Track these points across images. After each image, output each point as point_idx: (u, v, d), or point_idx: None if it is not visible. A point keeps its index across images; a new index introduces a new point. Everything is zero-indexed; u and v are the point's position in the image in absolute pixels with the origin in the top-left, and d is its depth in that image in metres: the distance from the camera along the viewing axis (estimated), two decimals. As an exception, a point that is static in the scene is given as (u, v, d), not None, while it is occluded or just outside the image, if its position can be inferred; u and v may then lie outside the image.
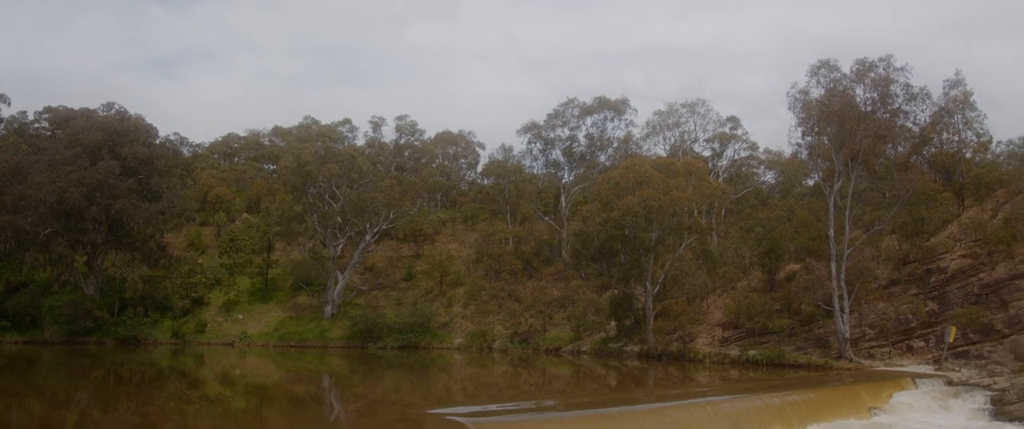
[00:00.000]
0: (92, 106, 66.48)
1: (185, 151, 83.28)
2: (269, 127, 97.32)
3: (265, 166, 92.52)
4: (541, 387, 34.84)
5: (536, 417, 19.43)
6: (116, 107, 65.41)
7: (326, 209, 60.81)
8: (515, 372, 41.74)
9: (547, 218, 66.31)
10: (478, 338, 55.46)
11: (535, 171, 72.00)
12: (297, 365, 46.09)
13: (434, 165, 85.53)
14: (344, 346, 56.68)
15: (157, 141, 66.40)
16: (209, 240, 73.48)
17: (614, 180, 47.29)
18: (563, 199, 66.49)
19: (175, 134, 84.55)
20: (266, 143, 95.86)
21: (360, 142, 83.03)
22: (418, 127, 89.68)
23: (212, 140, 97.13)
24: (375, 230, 62.37)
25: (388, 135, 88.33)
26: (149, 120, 65.83)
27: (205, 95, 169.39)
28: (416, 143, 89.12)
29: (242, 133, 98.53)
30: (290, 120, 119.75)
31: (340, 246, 62.18)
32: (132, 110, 71.04)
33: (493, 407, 20.83)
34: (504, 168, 70.84)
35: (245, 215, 72.92)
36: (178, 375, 40.60)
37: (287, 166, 63.87)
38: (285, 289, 65.73)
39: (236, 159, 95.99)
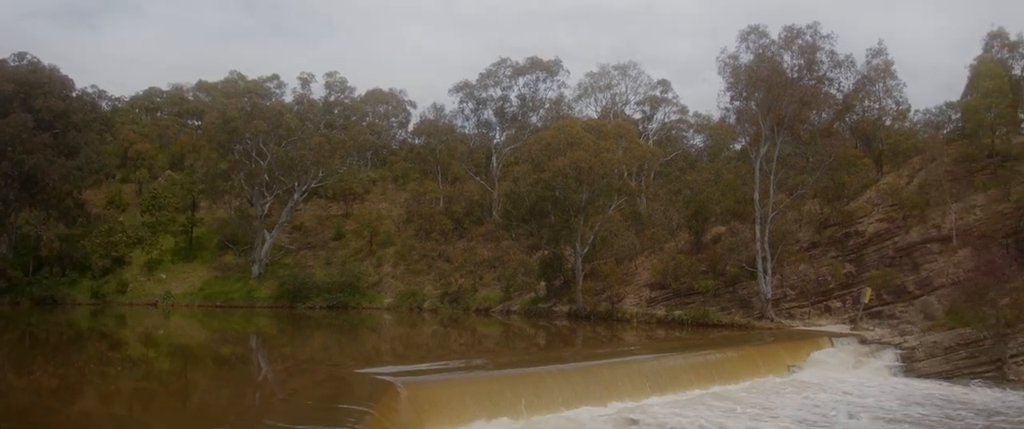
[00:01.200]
0: (1, 56, 63.38)
1: (104, 105, 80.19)
2: (193, 82, 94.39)
3: (189, 122, 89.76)
4: (471, 347, 35.03)
5: (465, 376, 19.52)
6: (28, 57, 62.31)
7: (253, 166, 59.53)
8: (445, 332, 41.87)
9: (478, 178, 66.20)
10: (408, 298, 55.37)
11: (467, 131, 71.67)
12: (223, 325, 45.36)
13: (364, 123, 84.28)
14: (272, 306, 55.96)
15: (74, 94, 63.65)
16: (130, 198, 71.25)
17: (545, 141, 47.39)
18: (494, 159, 66.42)
19: (93, 87, 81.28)
20: (190, 98, 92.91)
21: (288, 99, 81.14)
22: (348, 84, 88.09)
23: (133, 94, 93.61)
24: (304, 188, 61.40)
25: (317, 92, 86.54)
26: (65, 72, 62.92)
27: (125, 47, 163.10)
28: (346, 101, 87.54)
29: (165, 87, 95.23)
30: (215, 75, 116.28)
31: (267, 204, 61.09)
32: (46, 61, 67.81)
33: (422, 366, 20.85)
34: (435, 127, 70.34)
35: (168, 172, 70.83)
36: (98, 336, 39.56)
37: (212, 122, 62.20)
38: (210, 248, 64.35)
39: (159, 114, 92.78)
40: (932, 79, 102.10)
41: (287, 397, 18.34)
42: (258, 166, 59.47)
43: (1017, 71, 40.16)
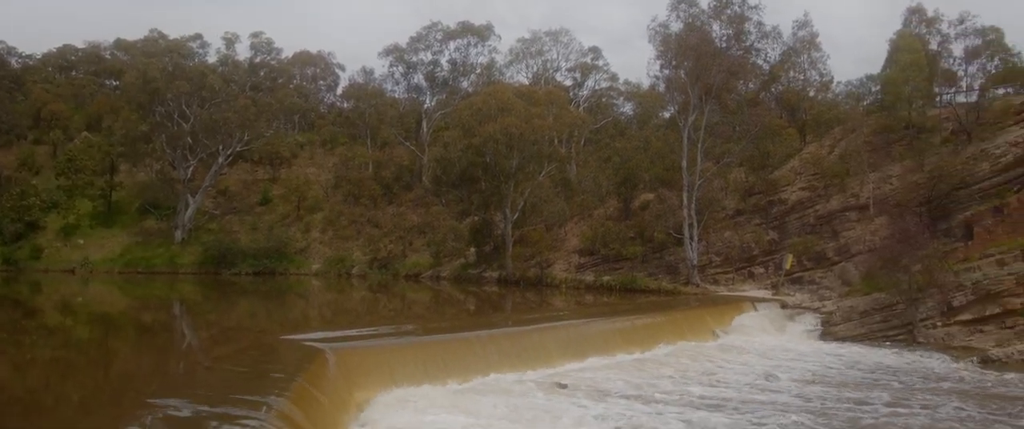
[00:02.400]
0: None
1: (13, 62, 76.71)
2: (111, 40, 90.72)
3: (107, 82, 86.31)
4: (400, 312, 34.92)
5: (395, 342, 19.45)
6: (-69, 11, 59.24)
7: (175, 129, 57.83)
8: (374, 298, 41.64)
9: (408, 143, 65.60)
10: (336, 264, 54.85)
11: (397, 95, 70.93)
12: (146, 292, 44.23)
13: (292, 86, 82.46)
14: (196, 272, 54.77)
15: (-21, 51, 60.83)
16: (44, 160, 68.50)
17: (476, 106, 47.22)
18: (425, 124, 65.90)
19: (1, 43, 77.75)
20: (108, 57, 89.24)
21: (212, 59, 78.79)
22: (275, 46, 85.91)
23: (45, 51, 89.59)
24: (228, 152, 59.94)
25: (242, 53, 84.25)
26: (-30, 27, 60.10)
27: (36, 2, 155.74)
28: (272, 62, 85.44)
29: (80, 45, 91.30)
30: (134, 33, 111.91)
31: (191, 168, 59.51)
32: (-51, 15, 64.48)
33: (351, 332, 20.68)
34: (365, 91, 69.35)
35: (85, 134, 68.21)
36: (11, 303, 38.14)
37: (132, 82, 60.09)
38: (131, 213, 62.51)
39: (74, 73, 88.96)
40: (855, 52, 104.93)
41: (212, 364, 18.03)
42: (181, 129, 57.79)
43: (934, 46, 41.42)
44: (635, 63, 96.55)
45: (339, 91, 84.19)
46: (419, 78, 68.74)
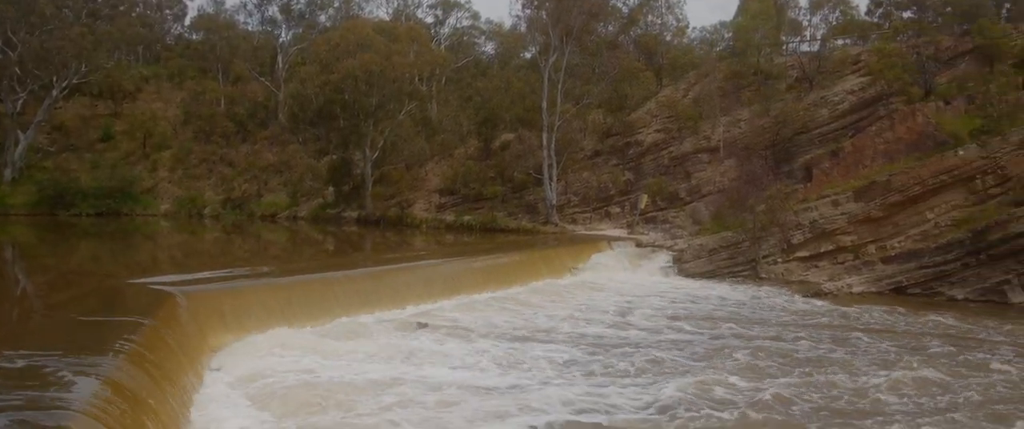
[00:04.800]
0: None
1: None
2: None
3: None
4: (256, 253, 33.95)
5: (251, 283, 18.87)
6: None
7: (1, 58, 53.21)
8: (228, 239, 40.26)
9: (262, 79, 62.96)
10: (187, 204, 52.49)
11: (250, 28, 67.67)
12: (-30, 234, 41.00)
13: (134, 15, 77.00)
14: (29, 214, 51.03)
15: None
16: None
17: (334, 42, 45.86)
18: (280, 60, 63.33)
19: None
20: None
21: (43, -18, 72.62)
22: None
23: None
24: (63, 85, 55.64)
25: (77, -24, 78.06)
26: None
27: None
28: (112, -12, 79.69)
29: None
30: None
31: (20, 102, 54.91)
32: None
33: (205, 275, 19.86)
34: (215, 23, 65.81)
35: None
36: None
37: (-52, 5, 54.65)
38: (-48, 149, 57.44)
39: None
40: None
41: (49, 311, 16.92)
42: (7, 58, 53.11)
43: (782, -4, 43.22)
44: (497, 2, 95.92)
45: (187, 22, 79.51)
46: (274, 10, 65.74)
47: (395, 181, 46.27)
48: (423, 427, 11.82)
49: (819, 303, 25.28)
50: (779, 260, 29.81)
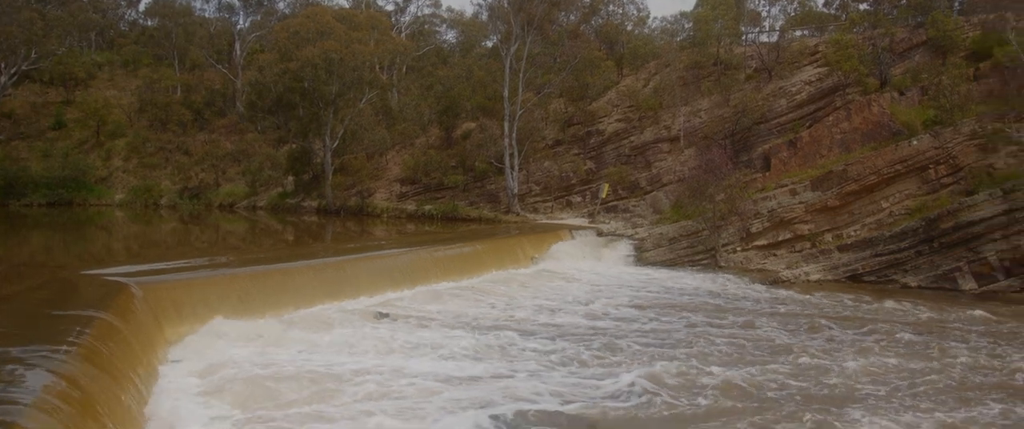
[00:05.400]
0: None
1: None
2: None
3: None
4: (214, 243, 33.46)
5: (208, 274, 18.57)
6: None
7: (-54, 43, 51.75)
8: (186, 229, 39.64)
9: (220, 66, 62.05)
10: (143, 194, 51.61)
11: (207, 15, 66.59)
12: (-83, 224, 39.88)
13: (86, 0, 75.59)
14: (-23, 203, 49.89)
15: None
16: None
17: (294, 29, 45.34)
18: (238, 47, 62.44)
19: None
20: None
21: (-10, -34, 70.69)
22: (66, -46, 78.18)
23: None
24: (13, 71, 54.31)
25: (27, -40, 76.10)
26: None
27: None
28: (63, -28, 77.82)
29: None
30: None
31: (-32, 88, 53.64)
32: None
33: (161, 265, 19.52)
34: (171, 9, 64.56)
35: None
36: None
37: None
38: None
39: None
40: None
41: None
42: (-46, 43, 51.77)
43: (741, -15, 43.50)
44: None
45: (142, 7, 78.03)
46: (231, -4, 64.89)
47: (356, 170, 45.93)
48: (386, 416, 11.75)
49: (778, 291, 25.60)
50: (738, 248, 30.15)
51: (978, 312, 21.94)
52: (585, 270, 28.32)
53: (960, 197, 27.11)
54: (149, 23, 72.06)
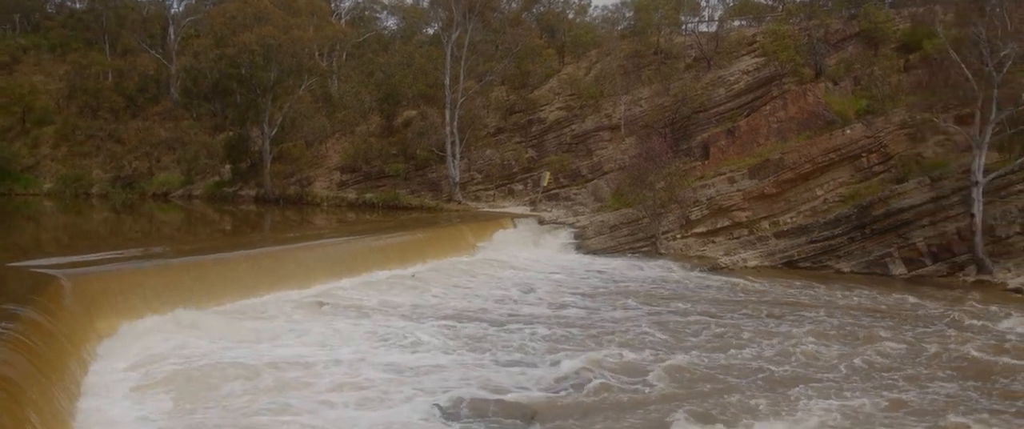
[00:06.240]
0: None
1: None
2: None
3: None
4: (149, 234, 32.68)
5: (142, 265, 18.09)
6: None
7: None
8: (119, 219, 38.64)
9: (153, 52, 60.38)
10: (73, 182, 50.09)
11: (139, -2, 64.74)
12: None
13: (11, -19, 72.78)
14: None
15: None
16: None
17: (230, 14, 44.34)
18: (172, 31, 60.82)
19: None
20: None
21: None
22: (-12, -67, 75.13)
23: None
24: (-67, 54, 52.26)
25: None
26: None
27: None
28: (-15, -48, 74.81)
29: None
30: None
31: None
32: None
33: (93, 257, 18.95)
34: (101, -9, 62.71)
35: None
36: None
37: None
38: None
39: None
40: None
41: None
42: None
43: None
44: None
45: (70, -11, 75.42)
46: (165, -20, 63.16)
47: (295, 158, 45.24)
48: (323, 406, 11.63)
49: (717, 277, 26.01)
50: (678, 235, 30.54)
51: (907, 296, 22.57)
52: (527, 258, 28.39)
53: (891, 185, 27.85)
54: (78, 6, 69.67)
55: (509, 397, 12.52)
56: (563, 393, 12.94)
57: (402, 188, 41.83)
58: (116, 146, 51.98)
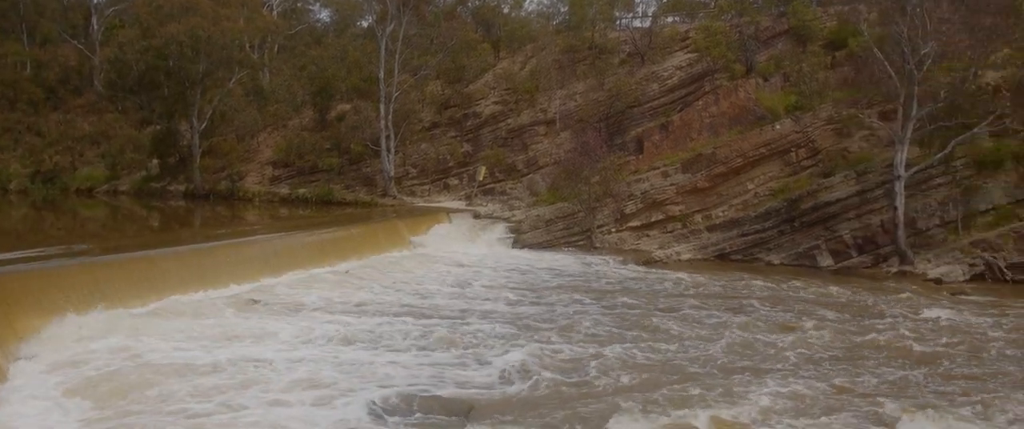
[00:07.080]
0: None
1: None
2: None
3: None
4: (72, 231, 31.65)
5: (65, 263, 17.45)
6: None
7: None
8: (39, 215, 37.33)
9: (75, 42, 58.45)
10: (-11, 178, 48.24)
11: (60, -14, 62.51)
12: None
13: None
14: None
15: None
16: None
17: (156, 4, 43.28)
18: (95, 21, 58.94)
19: None
20: None
21: None
22: None
23: None
24: None
25: None
26: None
27: None
28: None
29: None
30: None
31: None
32: None
33: (11, 255, 18.24)
34: (19, -20, 60.37)
35: None
36: None
37: None
38: None
39: None
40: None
41: None
42: None
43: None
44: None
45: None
46: (87, -32, 61.13)
47: (225, 153, 44.30)
48: (256, 406, 11.37)
49: (651, 270, 26.32)
50: (613, 229, 30.80)
51: (836, 287, 23.17)
52: (463, 252, 28.31)
53: (818, 179, 28.55)
54: (-6, -7, 67.01)
55: (445, 393, 12.44)
56: (502, 387, 12.92)
57: (336, 183, 41.30)
58: (36, 140, 50.20)
